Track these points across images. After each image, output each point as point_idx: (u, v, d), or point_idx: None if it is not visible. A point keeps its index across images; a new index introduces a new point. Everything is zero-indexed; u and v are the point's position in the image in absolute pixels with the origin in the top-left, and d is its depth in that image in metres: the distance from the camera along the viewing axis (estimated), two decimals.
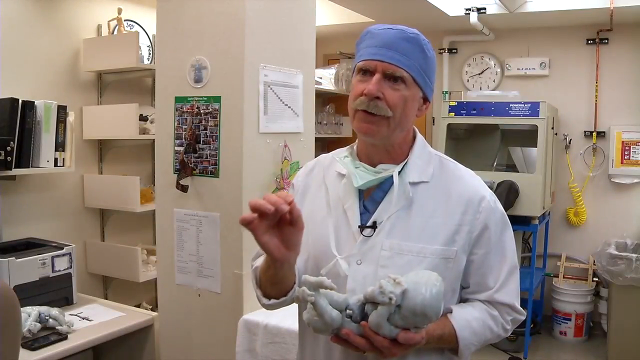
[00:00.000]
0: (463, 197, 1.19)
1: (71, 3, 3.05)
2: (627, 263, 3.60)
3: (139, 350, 2.43)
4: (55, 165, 2.66)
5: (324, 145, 4.14)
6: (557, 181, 4.36)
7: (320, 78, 4.08)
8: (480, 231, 1.19)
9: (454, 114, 4.04)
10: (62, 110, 2.66)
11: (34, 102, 2.56)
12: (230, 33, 2.11)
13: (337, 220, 1.23)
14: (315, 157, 1.43)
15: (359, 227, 1.19)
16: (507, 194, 3.67)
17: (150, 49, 3.46)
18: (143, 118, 3.12)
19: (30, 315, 2.08)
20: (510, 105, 3.88)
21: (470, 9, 3.94)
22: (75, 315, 2.35)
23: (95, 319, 2.34)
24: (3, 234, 2.67)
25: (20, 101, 2.50)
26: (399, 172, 1.20)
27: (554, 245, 4.46)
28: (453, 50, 4.70)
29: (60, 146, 2.66)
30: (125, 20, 3.25)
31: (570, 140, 4.35)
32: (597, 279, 4.16)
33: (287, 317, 1.98)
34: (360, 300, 1.07)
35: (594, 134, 4.27)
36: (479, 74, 4.63)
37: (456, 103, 4.08)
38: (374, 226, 1.18)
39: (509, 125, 4.01)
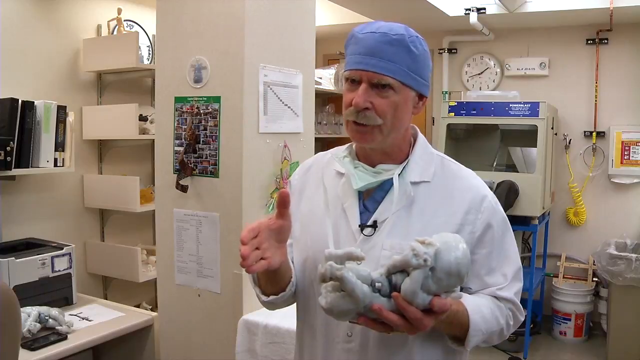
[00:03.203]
0: (465, 196, 1.19)
1: (71, 3, 3.05)
2: (627, 263, 3.60)
3: (139, 350, 2.43)
4: (55, 165, 2.66)
5: (323, 145, 4.13)
6: (557, 181, 4.37)
7: (320, 78, 4.08)
8: (483, 230, 1.18)
9: (453, 114, 4.04)
10: (61, 111, 2.66)
11: (33, 102, 2.56)
12: (230, 33, 2.11)
13: (335, 220, 1.22)
14: None
15: (359, 226, 1.19)
16: (507, 194, 3.67)
17: (150, 49, 3.46)
18: (143, 118, 3.12)
19: (30, 316, 2.08)
20: (510, 105, 3.88)
21: (470, 9, 3.94)
22: (75, 315, 2.35)
23: (95, 319, 2.34)
24: (3, 234, 2.67)
25: (20, 101, 2.50)
26: (400, 172, 1.19)
27: (553, 245, 4.46)
28: (453, 51, 4.70)
29: (60, 146, 2.66)
30: (125, 20, 3.25)
31: (570, 140, 4.35)
32: (596, 279, 4.16)
33: (287, 318, 1.98)
34: (383, 274, 1.00)
35: (594, 134, 4.27)
36: (479, 74, 4.63)
37: (456, 103, 4.08)
38: (374, 225, 1.18)
39: (509, 125, 4.01)
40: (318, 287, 1.06)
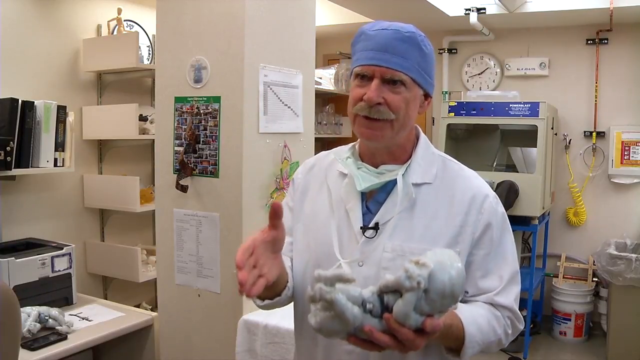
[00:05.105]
0: (466, 197, 1.18)
1: (71, 3, 3.05)
2: (626, 263, 3.60)
3: (139, 350, 2.43)
4: (55, 165, 2.66)
5: (323, 145, 4.13)
6: (557, 181, 4.37)
7: (320, 78, 4.09)
8: (483, 231, 1.17)
9: (453, 114, 4.04)
10: (61, 111, 2.66)
11: (33, 102, 2.56)
12: (230, 33, 2.11)
13: (339, 222, 1.21)
14: None
15: (361, 228, 1.18)
16: (507, 194, 3.67)
17: (150, 49, 3.46)
18: (143, 118, 3.11)
19: (30, 316, 2.08)
20: (510, 105, 3.88)
21: (470, 9, 3.94)
22: (75, 315, 2.35)
23: (95, 319, 2.34)
24: (3, 234, 2.67)
25: (20, 101, 2.50)
26: (403, 173, 1.18)
27: (553, 245, 4.46)
28: (453, 51, 4.70)
29: (60, 146, 2.66)
30: (125, 20, 3.25)
31: (570, 140, 4.35)
32: (596, 279, 4.16)
33: (287, 317, 1.97)
34: (374, 292, 0.98)
35: (594, 134, 4.27)
36: (479, 74, 4.63)
37: (456, 103, 4.08)
38: (376, 227, 1.17)
39: (509, 126, 4.02)
40: None
